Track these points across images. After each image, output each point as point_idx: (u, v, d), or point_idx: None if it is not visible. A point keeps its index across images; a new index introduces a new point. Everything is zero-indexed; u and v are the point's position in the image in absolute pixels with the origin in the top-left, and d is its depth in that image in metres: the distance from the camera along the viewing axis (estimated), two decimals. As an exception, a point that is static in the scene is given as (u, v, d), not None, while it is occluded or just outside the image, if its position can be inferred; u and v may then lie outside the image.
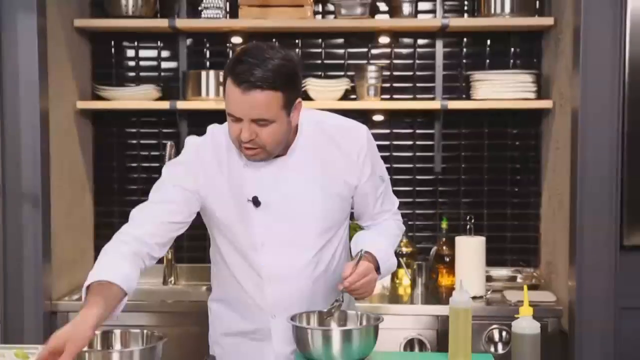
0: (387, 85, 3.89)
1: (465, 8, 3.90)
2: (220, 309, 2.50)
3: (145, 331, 2.27)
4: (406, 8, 3.72)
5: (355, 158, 2.33)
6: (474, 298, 3.36)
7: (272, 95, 2.09)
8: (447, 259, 3.65)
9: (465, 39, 3.90)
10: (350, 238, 2.49)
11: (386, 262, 2.36)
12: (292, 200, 2.27)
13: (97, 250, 3.92)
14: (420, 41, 3.91)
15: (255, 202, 2.26)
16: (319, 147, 2.30)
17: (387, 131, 3.91)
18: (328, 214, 2.32)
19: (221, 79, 3.64)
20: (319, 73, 3.89)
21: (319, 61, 3.92)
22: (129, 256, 2.16)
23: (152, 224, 2.24)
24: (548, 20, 3.61)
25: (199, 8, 3.76)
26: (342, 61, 3.92)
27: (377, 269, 2.33)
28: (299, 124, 2.28)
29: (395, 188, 3.93)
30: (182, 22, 3.73)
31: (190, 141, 2.40)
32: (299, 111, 2.22)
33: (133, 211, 2.29)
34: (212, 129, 2.40)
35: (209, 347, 2.57)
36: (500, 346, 3.33)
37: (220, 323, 2.49)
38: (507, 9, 3.64)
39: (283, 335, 2.35)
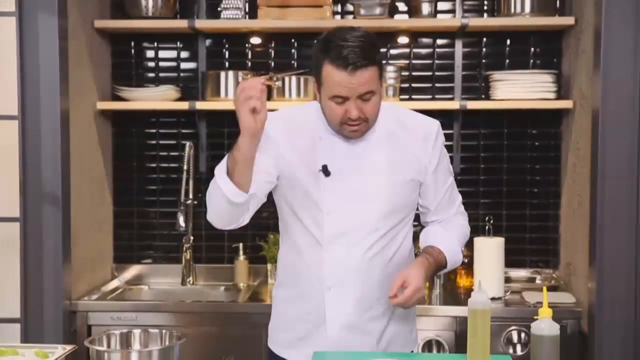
0: (406, 85, 3.88)
1: (485, 8, 3.88)
2: (283, 295, 2.54)
3: (163, 331, 2.28)
4: (425, 8, 3.71)
5: (428, 145, 2.44)
6: (492, 299, 3.34)
7: (374, 70, 2.26)
8: (466, 260, 3.63)
9: (484, 39, 3.89)
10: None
11: (453, 257, 2.45)
12: (361, 174, 2.38)
13: (116, 250, 3.99)
14: (440, 41, 3.90)
15: (325, 171, 2.37)
16: (391, 131, 2.42)
17: (406, 131, 3.90)
18: (393, 192, 2.40)
19: (240, 80, 3.68)
20: (338, 73, 3.89)
21: (338, 61, 3.91)
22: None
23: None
24: (568, 20, 3.59)
25: (218, 9, 3.77)
26: (360, 61, 3.91)
27: (444, 264, 2.44)
28: None
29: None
30: (202, 23, 3.74)
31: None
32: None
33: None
34: (285, 109, 2.56)
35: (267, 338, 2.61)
36: (519, 347, 3.31)
37: (282, 310, 2.54)
38: (527, 8, 3.62)
39: (337, 312, 2.40)
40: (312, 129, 2.41)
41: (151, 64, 3.98)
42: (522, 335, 3.30)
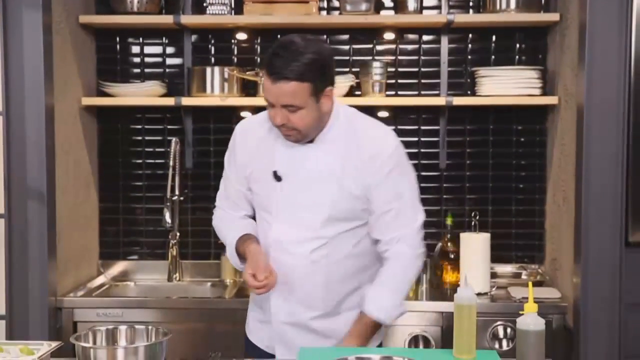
0: (392, 81, 3.88)
1: (471, 4, 3.89)
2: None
3: (150, 327, 2.28)
4: (411, 4, 3.71)
5: (373, 166, 2.45)
6: (478, 294, 3.36)
7: (298, 86, 2.31)
8: (452, 256, 3.65)
9: (470, 35, 3.89)
10: None
11: (389, 317, 2.48)
12: (309, 181, 2.46)
13: (102, 247, 3.98)
14: (425, 37, 3.91)
15: (276, 176, 2.48)
16: (344, 143, 2.47)
17: (392, 127, 3.88)
18: (337, 205, 2.46)
19: (226, 75, 3.69)
20: (324, 69, 3.89)
21: (324, 57, 3.91)
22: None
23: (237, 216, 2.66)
24: (553, 16, 3.60)
25: (204, 4, 3.76)
26: (347, 57, 3.92)
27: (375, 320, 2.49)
28: (334, 116, 2.48)
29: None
30: (187, 19, 3.73)
31: (238, 127, 2.64)
32: (331, 98, 2.43)
33: (216, 220, 2.74)
34: (255, 115, 2.68)
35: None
36: (505, 342, 3.33)
37: (251, 295, 2.73)
38: (513, 4, 3.63)
39: (280, 310, 2.53)
40: (273, 134, 2.50)
41: (136, 60, 3.97)
42: (508, 330, 3.32)
